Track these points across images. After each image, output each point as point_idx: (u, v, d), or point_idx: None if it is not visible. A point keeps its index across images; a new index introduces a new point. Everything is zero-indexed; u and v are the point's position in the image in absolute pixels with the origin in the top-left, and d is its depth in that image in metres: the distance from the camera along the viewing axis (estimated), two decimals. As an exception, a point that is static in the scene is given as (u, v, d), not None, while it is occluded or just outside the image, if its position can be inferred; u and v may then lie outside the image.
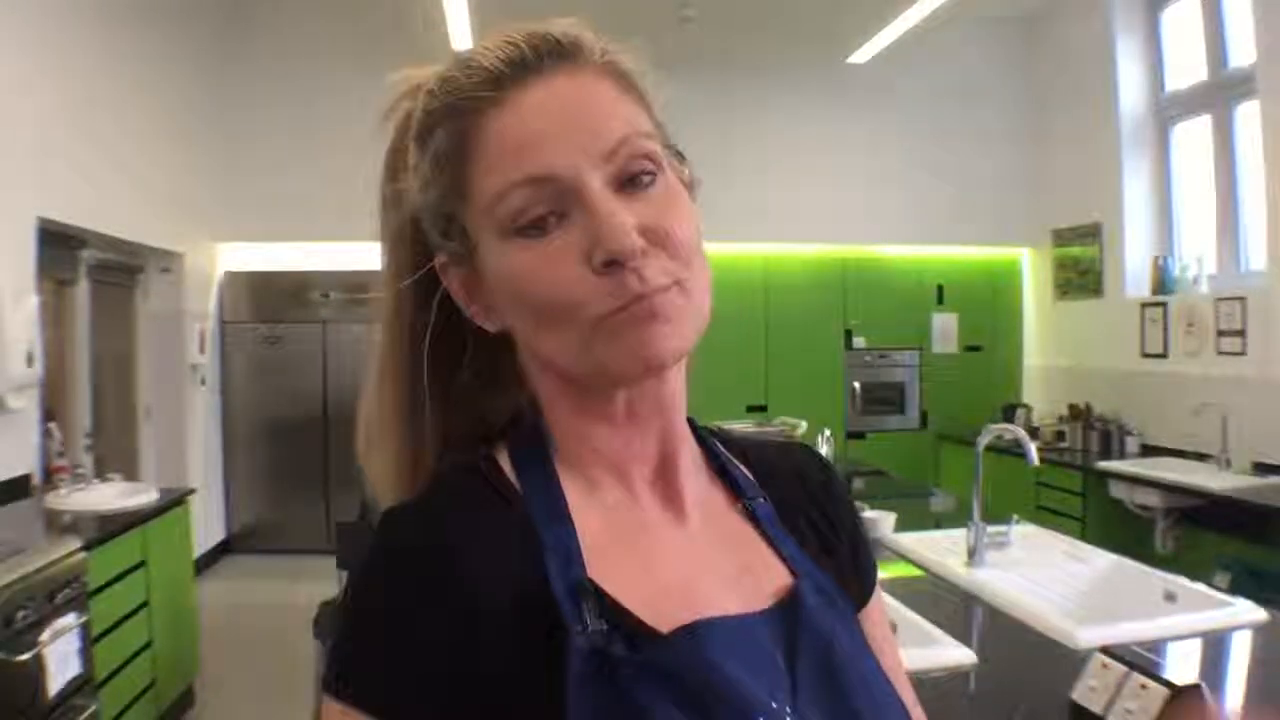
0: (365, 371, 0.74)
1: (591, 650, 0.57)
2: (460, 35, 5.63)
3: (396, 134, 0.71)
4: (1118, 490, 5.08)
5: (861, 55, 6.32)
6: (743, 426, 4.82)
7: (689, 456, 0.72)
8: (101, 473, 4.18)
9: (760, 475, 0.77)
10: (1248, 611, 2.04)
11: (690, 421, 0.73)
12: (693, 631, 0.60)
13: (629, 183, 0.62)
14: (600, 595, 0.60)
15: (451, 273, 0.68)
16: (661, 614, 0.61)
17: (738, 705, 0.57)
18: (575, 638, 0.57)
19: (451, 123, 0.63)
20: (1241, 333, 4.93)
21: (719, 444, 0.77)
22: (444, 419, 0.72)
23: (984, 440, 2.61)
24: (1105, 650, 1.49)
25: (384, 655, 0.58)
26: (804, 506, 0.77)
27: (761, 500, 0.75)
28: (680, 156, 0.69)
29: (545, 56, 0.63)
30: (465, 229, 0.65)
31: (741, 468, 0.77)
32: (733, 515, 0.73)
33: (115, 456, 5.02)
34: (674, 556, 0.67)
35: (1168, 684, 1.33)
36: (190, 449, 5.87)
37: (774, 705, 0.59)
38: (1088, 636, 1.86)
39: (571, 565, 0.61)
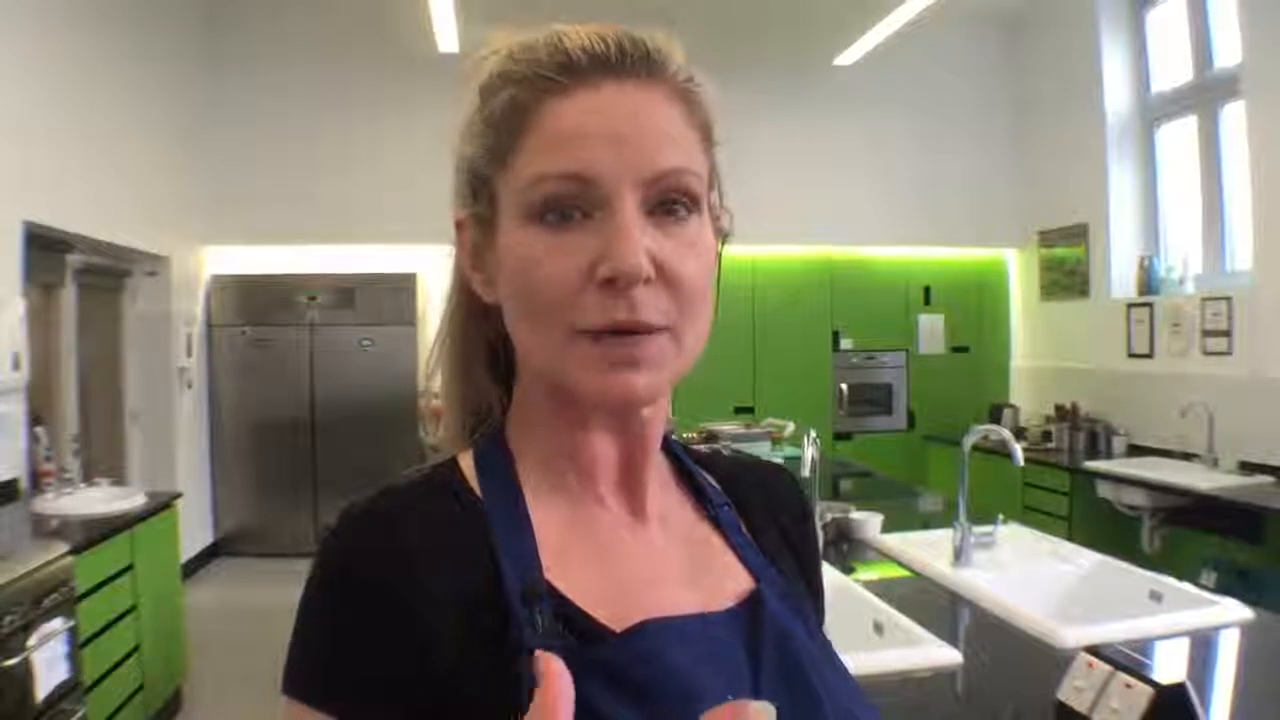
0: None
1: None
2: (447, 38, 5.61)
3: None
4: (1104, 490, 5.10)
5: (848, 57, 6.34)
6: (731, 427, 4.83)
7: (655, 463, 0.71)
8: (88, 477, 4.16)
9: (729, 488, 0.77)
10: (1234, 610, 2.05)
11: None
12: (644, 629, 0.60)
13: (661, 212, 0.61)
14: (554, 596, 0.60)
15: (466, 233, 0.68)
16: (617, 614, 0.61)
17: (688, 699, 0.56)
18: (527, 639, 0.57)
19: (515, 91, 0.62)
20: (1227, 333, 4.96)
21: (687, 456, 0.77)
22: (473, 393, 0.73)
23: (970, 441, 2.61)
24: (1091, 650, 1.49)
25: (333, 654, 0.58)
26: (774, 524, 0.77)
27: (726, 508, 0.74)
28: (723, 206, 0.70)
29: (628, 60, 0.62)
30: (493, 196, 0.64)
31: (709, 478, 0.77)
32: (698, 522, 0.73)
33: (102, 460, 4.99)
34: (634, 558, 0.66)
35: (1153, 683, 1.33)
36: (177, 452, 5.84)
37: (730, 699, 0.57)
38: (1073, 636, 1.87)
39: (527, 567, 0.60)
